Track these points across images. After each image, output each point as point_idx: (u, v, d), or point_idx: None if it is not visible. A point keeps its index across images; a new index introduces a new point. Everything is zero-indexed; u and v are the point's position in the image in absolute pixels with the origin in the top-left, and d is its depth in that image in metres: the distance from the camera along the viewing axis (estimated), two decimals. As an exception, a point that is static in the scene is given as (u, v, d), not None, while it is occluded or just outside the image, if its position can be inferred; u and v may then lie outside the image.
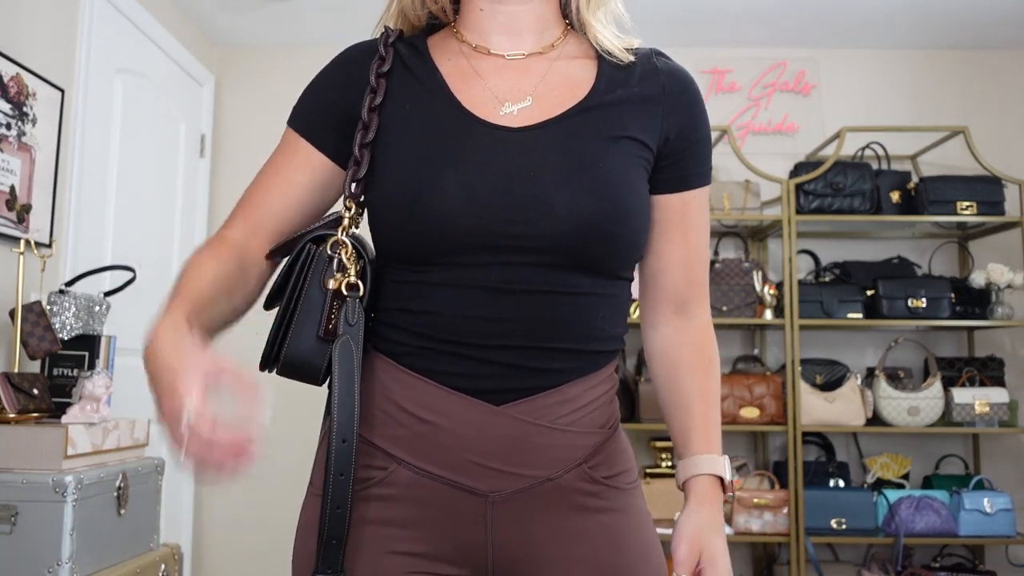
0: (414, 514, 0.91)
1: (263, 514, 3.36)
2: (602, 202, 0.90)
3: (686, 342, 1.04)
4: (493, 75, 0.98)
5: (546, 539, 0.92)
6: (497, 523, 0.91)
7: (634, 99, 0.98)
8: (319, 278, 0.91)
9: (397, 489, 0.92)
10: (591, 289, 0.93)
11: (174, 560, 2.13)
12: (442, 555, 0.92)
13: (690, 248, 1.02)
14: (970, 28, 3.37)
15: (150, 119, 3.01)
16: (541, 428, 0.91)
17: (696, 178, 1.01)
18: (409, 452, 0.91)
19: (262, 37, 3.52)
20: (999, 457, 3.34)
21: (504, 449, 0.90)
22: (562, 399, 0.92)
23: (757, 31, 3.44)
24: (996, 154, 3.39)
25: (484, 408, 0.90)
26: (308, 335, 0.90)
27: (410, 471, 0.91)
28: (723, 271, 3.22)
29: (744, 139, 3.54)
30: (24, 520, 1.72)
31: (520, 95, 0.96)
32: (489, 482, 0.90)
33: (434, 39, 1.03)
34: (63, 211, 2.44)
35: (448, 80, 0.98)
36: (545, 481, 0.91)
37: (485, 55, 1.00)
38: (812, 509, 2.99)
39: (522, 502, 0.91)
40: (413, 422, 0.91)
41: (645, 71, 1.01)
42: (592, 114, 0.95)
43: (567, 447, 0.92)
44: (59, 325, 2.04)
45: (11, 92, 2.16)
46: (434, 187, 0.89)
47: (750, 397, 3.06)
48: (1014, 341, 3.40)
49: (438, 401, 0.90)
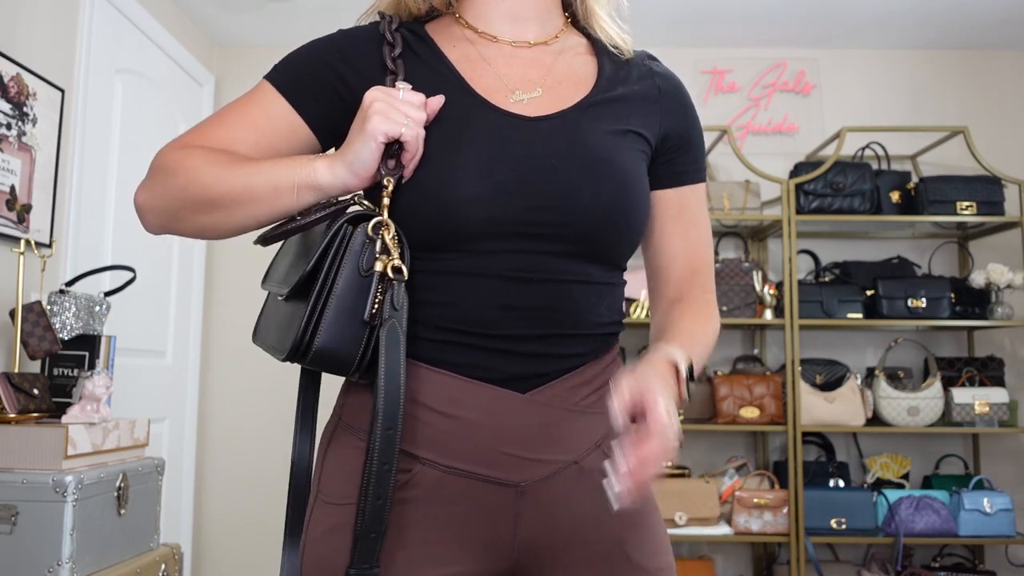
0: (440, 514, 0.89)
1: (263, 514, 3.36)
2: (619, 194, 0.92)
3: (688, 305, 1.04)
4: (501, 63, 0.98)
5: (572, 523, 0.92)
6: (525, 513, 0.90)
7: (634, 97, 1.00)
8: (355, 262, 0.85)
9: (422, 490, 0.89)
10: (599, 279, 0.94)
11: (174, 560, 2.13)
12: (470, 554, 0.90)
13: (690, 242, 1.04)
14: (970, 28, 3.37)
15: (150, 119, 3.01)
16: (565, 411, 0.91)
17: (691, 175, 1.04)
18: (434, 451, 0.89)
19: (262, 37, 3.52)
20: (999, 457, 3.34)
21: (533, 437, 0.90)
22: (580, 382, 0.93)
23: (757, 31, 3.44)
24: (996, 154, 3.39)
25: (512, 397, 0.89)
26: (344, 322, 0.84)
27: (436, 470, 0.89)
28: (723, 271, 3.22)
29: (744, 139, 3.54)
30: (24, 520, 1.72)
31: (530, 85, 0.97)
32: (520, 472, 0.89)
33: (432, 26, 1.02)
34: (63, 211, 2.44)
35: (457, 66, 0.97)
36: (570, 464, 0.92)
37: (491, 42, 1.00)
38: (812, 509, 2.99)
39: (549, 488, 0.91)
40: (438, 419, 0.89)
41: (641, 72, 1.03)
42: (600, 108, 0.97)
43: (588, 429, 0.93)
44: (59, 325, 2.04)
45: (11, 92, 2.16)
46: (454, 172, 0.88)
47: (750, 397, 3.06)
48: (1014, 341, 3.40)
49: (464, 394, 0.89)
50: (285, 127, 0.95)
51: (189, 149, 0.93)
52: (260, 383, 3.38)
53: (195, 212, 0.91)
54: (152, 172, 0.94)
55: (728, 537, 2.96)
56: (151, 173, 0.94)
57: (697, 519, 2.96)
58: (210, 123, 0.96)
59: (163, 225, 0.95)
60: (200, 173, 0.90)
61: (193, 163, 0.91)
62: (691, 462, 3.34)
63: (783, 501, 2.98)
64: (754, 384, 3.07)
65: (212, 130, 0.95)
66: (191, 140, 0.94)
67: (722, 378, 3.10)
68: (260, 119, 0.95)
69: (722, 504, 3.04)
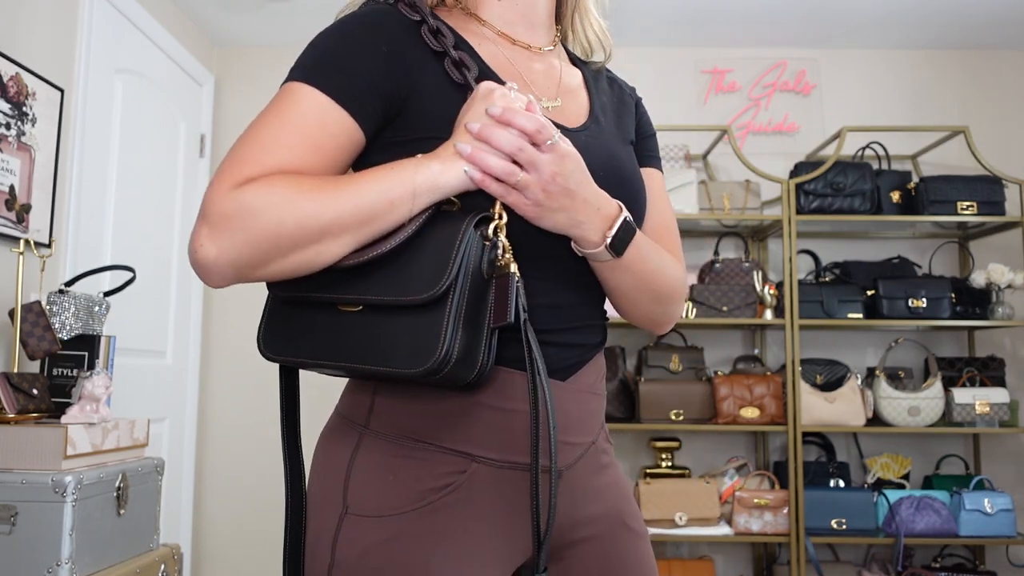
0: (491, 512, 0.89)
1: (263, 514, 3.36)
2: (636, 204, 0.98)
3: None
4: (525, 69, 0.99)
5: (582, 500, 0.96)
6: (560, 495, 0.93)
7: (617, 107, 1.07)
8: (476, 264, 0.81)
9: (474, 490, 0.88)
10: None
11: (174, 560, 2.12)
12: (519, 547, 0.92)
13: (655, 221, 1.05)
14: (970, 28, 3.37)
15: (150, 119, 3.01)
16: (591, 395, 0.97)
17: (652, 160, 1.10)
18: (489, 447, 0.88)
19: (262, 37, 3.52)
20: (999, 457, 3.34)
21: (574, 421, 0.94)
22: (597, 366, 0.99)
23: (757, 31, 3.44)
24: (996, 154, 3.39)
25: (558, 386, 0.92)
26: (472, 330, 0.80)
27: (491, 467, 0.88)
28: (723, 271, 3.22)
29: (744, 139, 3.54)
30: (24, 520, 1.72)
31: (551, 92, 0.99)
32: (564, 457, 0.93)
33: (447, 17, 0.98)
34: (62, 211, 2.44)
35: (490, 64, 0.94)
36: (591, 445, 0.97)
37: (512, 44, 1.00)
38: (812, 509, 2.99)
39: (577, 470, 0.95)
40: (491, 415, 0.88)
41: (607, 79, 1.10)
42: (607, 119, 1.02)
43: (600, 410, 1.00)
44: (59, 325, 2.04)
45: (11, 92, 2.16)
46: None
47: (750, 397, 3.06)
48: (1014, 341, 3.40)
49: (517, 388, 0.88)
50: (346, 139, 0.85)
51: (259, 183, 0.80)
52: (260, 383, 3.38)
53: (292, 250, 0.80)
54: (218, 220, 0.79)
55: (728, 537, 2.96)
56: (217, 222, 0.79)
57: (697, 519, 2.96)
58: (262, 147, 0.82)
59: (240, 275, 0.81)
60: (297, 206, 0.79)
61: (282, 196, 0.79)
62: (691, 462, 3.34)
63: (783, 501, 2.98)
64: (754, 384, 3.07)
65: (272, 156, 0.82)
66: (250, 172, 0.81)
67: (722, 378, 3.10)
68: (325, 139, 0.84)
69: (722, 504, 3.04)
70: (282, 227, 0.78)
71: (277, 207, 0.78)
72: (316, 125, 0.83)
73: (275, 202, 0.78)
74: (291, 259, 0.80)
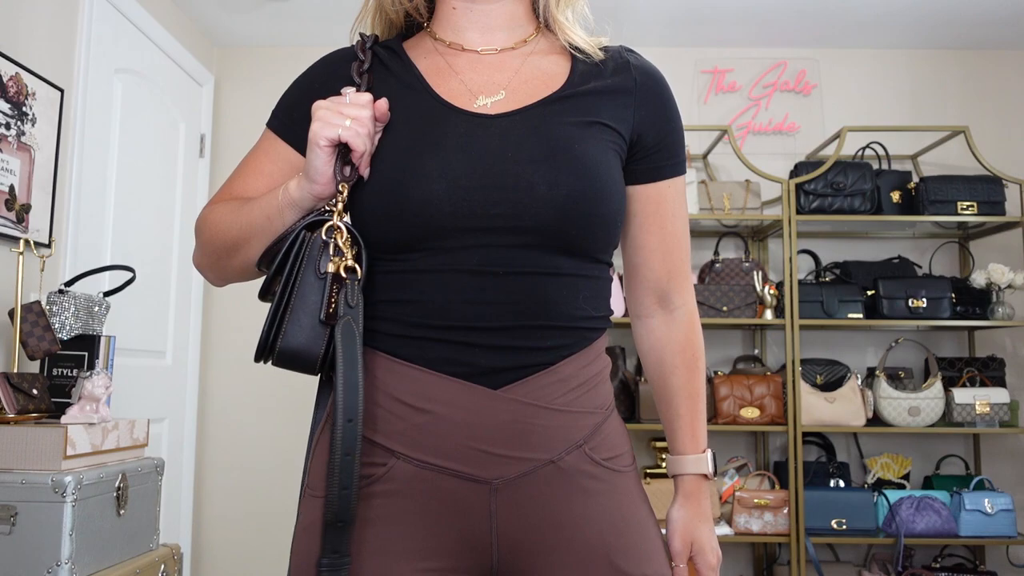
0: (417, 508, 0.91)
1: (263, 514, 3.36)
2: (580, 182, 0.92)
3: (671, 339, 1.07)
4: (468, 70, 1.02)
5: (550, 525, 0.92)
6: (501, 511, 0.90)
7: (607, 90, 1.01)
8: (314, 265, 0.91)
9: (398, 484, 0.91)
10: (571, 271, 0.94)
11: (174, 560, 2.12)
12: (448, 550, 0.91)
13: (667, 236, 1.05)
14: (970, 28, 3.37)
15: (150, 119, 3.00)
16: (540, 409, 0.91)
17: (669, 169, 1.04)
18: (408, 445, 0.91)
19: (262, 37, 3.51)
20: (1000, 457, 3.34)
21: (505, 433, 0.90)
22: (558, 378, 0.93)
23: (757, 31, 3.44)
24: (996, 154, 3.39)
25: (482, 392, 0.90)
26: (305, 322, 0.90)
27: (410, 464, 0.91)
28: (723, 271, 3.22)
29: (744, 139, 3.54)
30: (23, 520, 1.72)
31: (494, 89, 1.00)
32: (492, 468, 0.90)
33: (409, 42, 1.07)
34: (62, 211, 2.44)
35: (425, 75, 1.01)
36: (547, 464, 0.91)
37: (459, 51, 1.03)
38: (812, 509, 2.98)
39: (525, 487, 0.91)
40: (411, 413, 0.91)
41: (617, 65, 1.04)
42: (566, 103, 0.98)
43: (567, 428, 0.93)
44: (58, 325, 2.04)
45: (10, 92, 2.16)
46: (416, 173, 0.91)
47: (750, 397, 3.05)
48: (1015, 341, 3.40)
49: (435, 389, 0.90)
50: (287, 167, 1.02)
51: (212, 206, 1.04)
52: (260, 383, 3.38)
53: (227, 258, 1.01)
54: (195, 234, 1.06)
55: (728, 537, 2.95)
56: (195, 235, 1.06)
57: (697, 519, 2.96)
58: (230, 178, 1.06)
59: (220, 277, 1.06)
60: (217, 224, 1.01)
61: (213, 217, 1.02)
62: (691, 462, 3.33)
63: (783, 501, 2.98)
64: (754, 384, 3.07)
65: (230, 184, 1.05)
66: (216, 198, 1.05)
67: (722, 378, 3.09)
68: (265, 164, 1.04)
69: (722, 504, 3.04)
70: (213, 242, 1.02)
71: (209, 226, 1.02)
72: (263, 155, 1.05)
73: (209, 222, 1.03)
74: (231, 264, 1.02)
